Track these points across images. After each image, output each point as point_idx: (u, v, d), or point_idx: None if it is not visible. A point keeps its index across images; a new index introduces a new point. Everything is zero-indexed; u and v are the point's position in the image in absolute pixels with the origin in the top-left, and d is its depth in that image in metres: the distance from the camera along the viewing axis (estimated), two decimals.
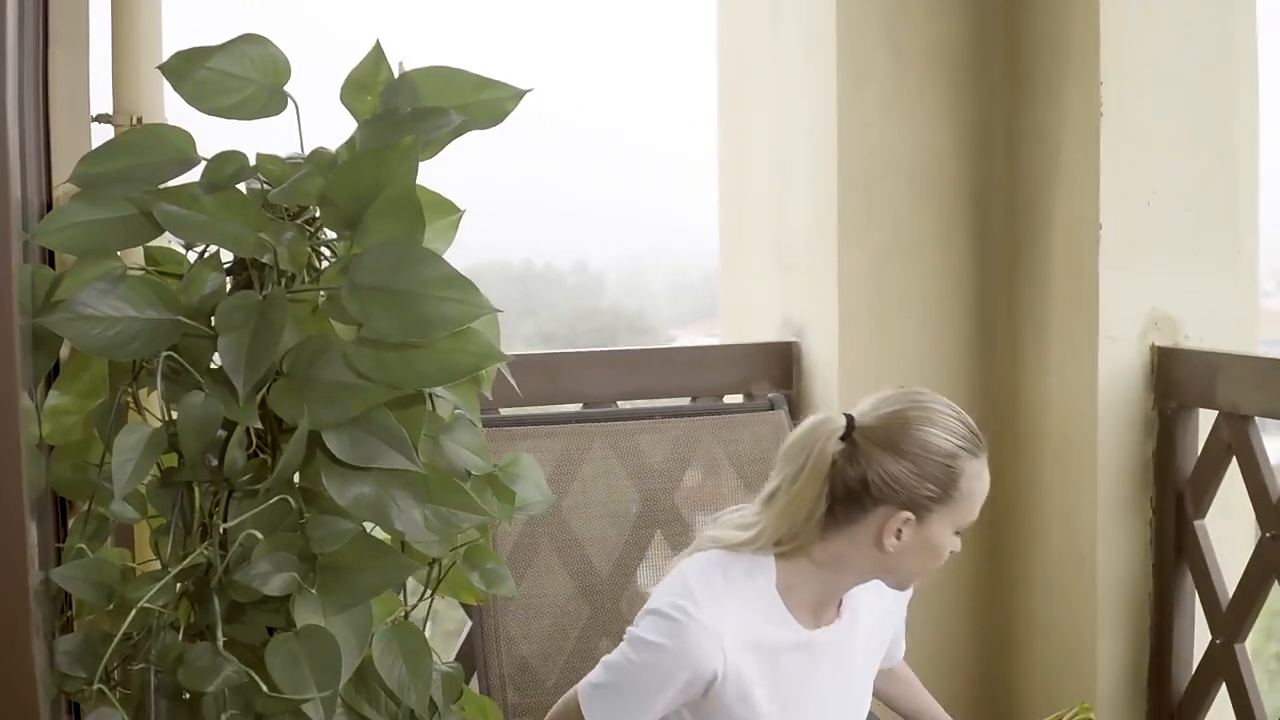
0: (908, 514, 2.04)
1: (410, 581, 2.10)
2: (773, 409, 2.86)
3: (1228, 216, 3.02)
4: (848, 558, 2.10)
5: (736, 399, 3.17)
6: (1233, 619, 2.87)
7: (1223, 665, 2.89)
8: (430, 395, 1.97)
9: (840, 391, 3.13)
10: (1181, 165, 2.99)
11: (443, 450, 1.97)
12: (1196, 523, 2.95)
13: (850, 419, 2.09)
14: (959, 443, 2.07)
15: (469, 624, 2.86)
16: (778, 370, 3.21)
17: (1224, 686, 2.91)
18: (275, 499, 1.83)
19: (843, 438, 2.07)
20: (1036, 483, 3.14)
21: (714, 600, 2.08)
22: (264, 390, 1.82)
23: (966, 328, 3.22)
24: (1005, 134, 3.17)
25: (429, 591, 2.12)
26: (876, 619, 2.24)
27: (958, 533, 2.10)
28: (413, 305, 1.78)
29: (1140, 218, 2.96)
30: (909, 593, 2.30)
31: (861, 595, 2.19)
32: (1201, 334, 3.00)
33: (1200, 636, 2.99)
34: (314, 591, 1.81)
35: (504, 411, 2.83)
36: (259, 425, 1.83)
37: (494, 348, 1.83)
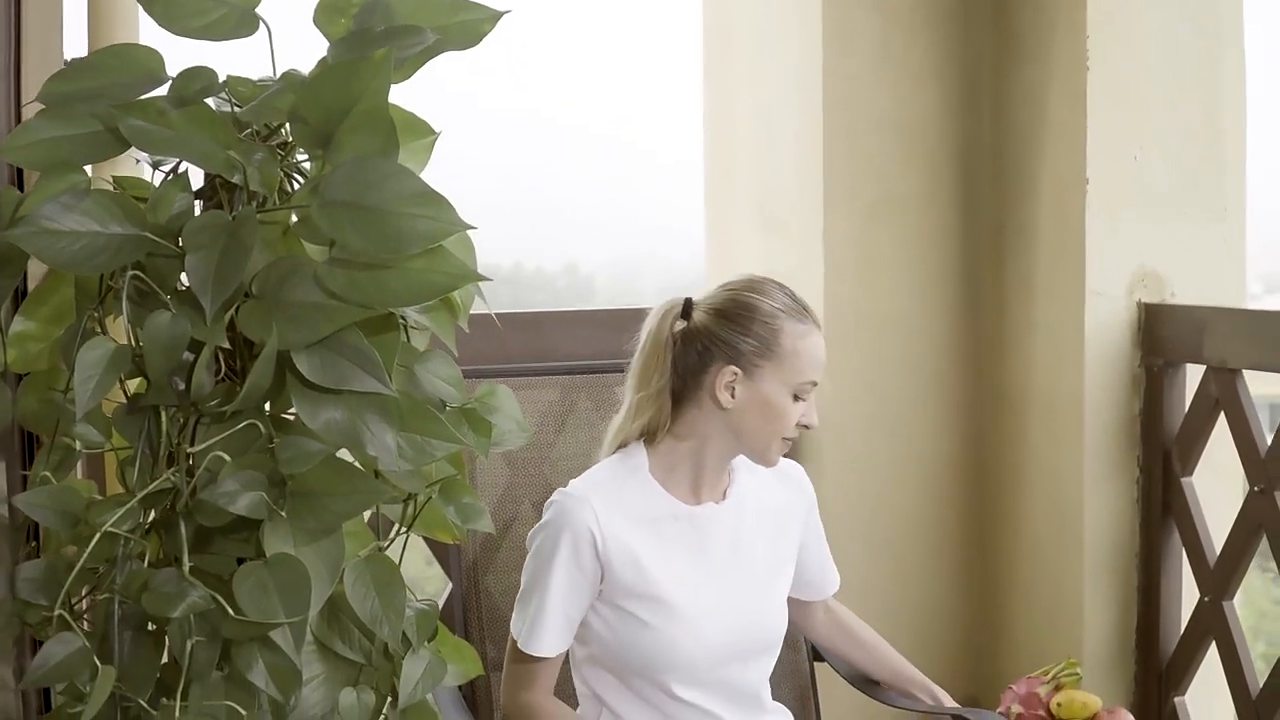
0: (734, 368, 2.22)
1: (385, 520, 2.07)
2: None
3: (1215, 173, 3.00)
4: (700, 425, 2.27)
5: None
6: (1221, 576, 2.84)
7: (1211, 623, 2.86)
8: (405, 326, 1.93)
9: (826, 351, 3.09)
10: (1168, 121, 2.96)
11: (417, 380, 1.93)
12: (1184, 480, 2.92)
13: (689, 300, 2.30)
14: (779, 305, 2.25)
15: (449, 586, 2.82)
16: None
17: (1213, 645, 2.88)
18: (244, 424, 1.79)
19: (682, 315, 2.28)
20: (1023, 442, 3.11)
21: (585, 481, 2.31)
22: (232, 312, 1.78)
23: (953, 287, 3.18)
24: (992, 91, 3.14)
25: (404, 529, 2.09)
26: (770, 512, 2.38)
27: (799, 398, 2.23)
28: (384, 222, 1.74)
29: (1127, 173, 2.94)
30: (809, 500, 2.47)
31: (747, 481, 2.36)
32: (1189, 291, 2.97)
33: (1188, 595, 2.95)
34: (283, 515, 1.77)
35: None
36: (227, 345, 1.79)
37: (468, 267, 1.80)
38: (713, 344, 2.24)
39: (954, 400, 3.20)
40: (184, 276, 1.77)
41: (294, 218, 1.82)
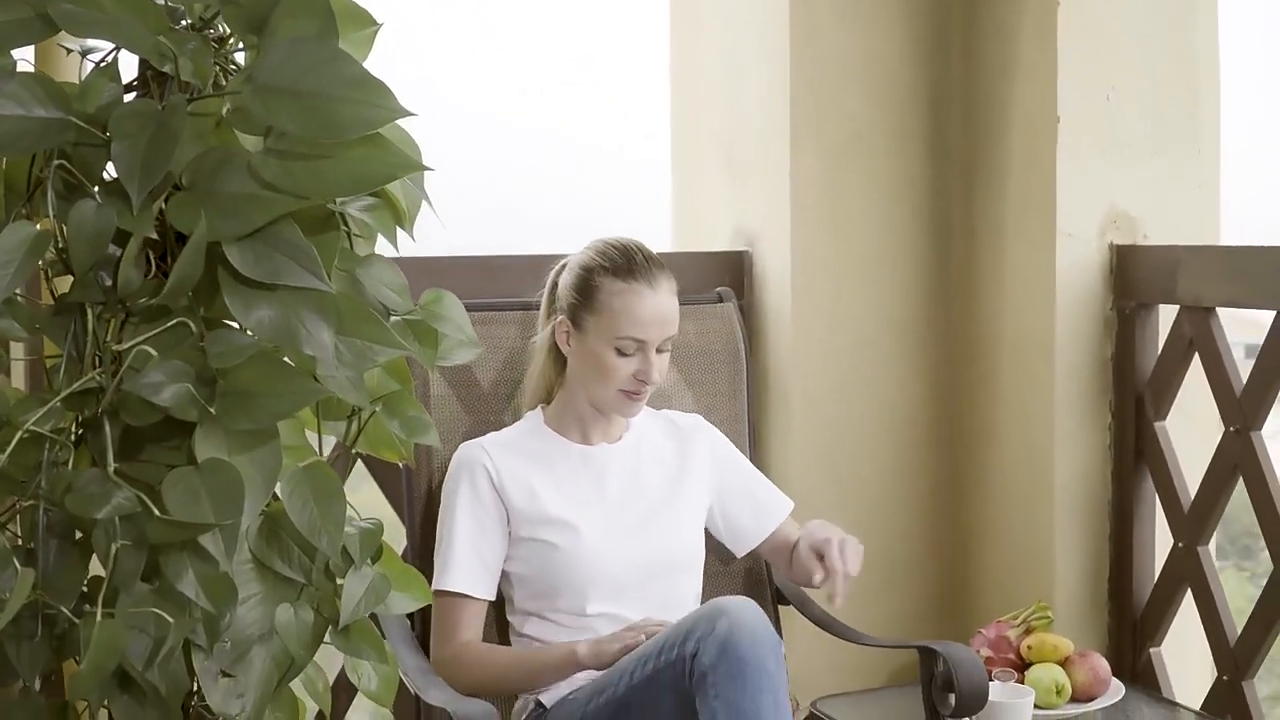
0: (564, 318, 2.36)
1: (329, 439, 2.00)
2: (721, 301, 2.75)
3: (1189, 113, 2.94)
4: (569, 376, 2.42)
5: None
6: (1195, 521, 2.78)
7: (1186, 569, 2.79)
8: (349, 234, 1.86)
9: (793, 300, 3.03)
10: (1141, 60, 2.90)
11: (359, 285, 1.86)
12: (1157, 424, 2.85)
13: (566, 261, 2.44)
14: (601, 261, 2.34)
15: (404, 543, 2.74)
16: (729, 280, 3.10)
17: (1189, 593, 2.81)
18: (174, 322, 1.72)
19: (556, 275, 2.44)
20: (994, 387, 3.04)
21: (481, 437, 2.45)
22: (162, 204, 1.70)
23: (923, 231, 3.12)
24: (962, 30, 3.08)
25: (349, 446, 2.01)
26: (669, 457, 2.47)
27: (623, 353, 2.31)
28: (321, 107, 1.67)
29: (1099, 113, 2.87)
30: (709, 446, 2.52)
31: (644, 427, 2.48)
32: (1162, 233, 2.91)
33: (1162, 542, 2.89)
34: (212, 411, 1.69)
35: None
36: (154, 236, 1.71)
37: (410, 157, 1.72)
38: (556, 299, 2.41)
39: (924, 345, 3.14)
40: (111, 168, 1.70)
41: (228, 108, 1.75)
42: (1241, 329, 2.90)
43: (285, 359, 1.76)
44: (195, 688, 2.03)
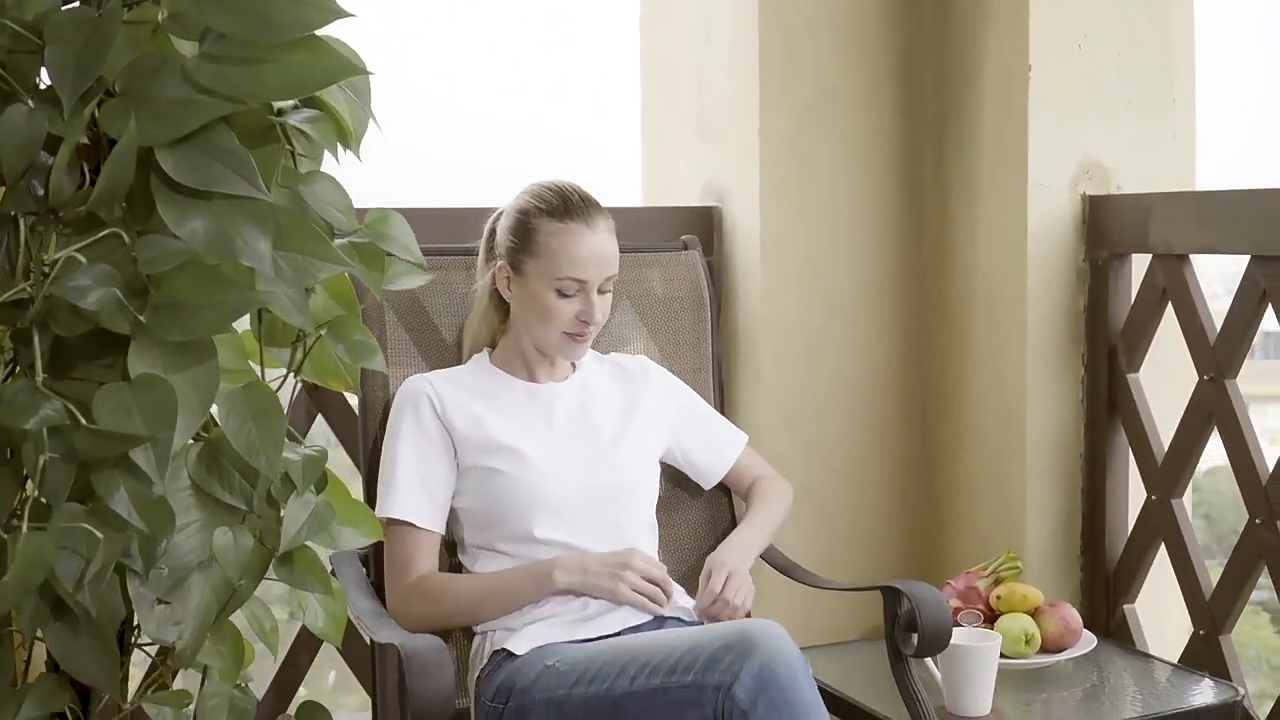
0: (503, 263, 2.33)
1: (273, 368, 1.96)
2: (686, 249, 2.70)
3: (1163, 65, 2.89)
4: (510, 320, 2.40)
5: None
6: (1169, 473, 2.73)
7: (1160, 522, 2.74)
8: (292, 153, 1.81)
9: (762, 256, 2.98)
10: (1114, 9, 2.86)
11: (302, 202, 1.81)
12: (1130, 376, 2.81)
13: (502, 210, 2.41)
14: (537, 203, 2.31)
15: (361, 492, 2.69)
16: (699, 236, 3.06)
17: (1163, 547, 2.77)
18: (106, 233, 1.67)
19: (493, 223, 2.42)
20: (966, 341, 3.00)
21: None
22: (95, 110, 1.66)
23: (894, 186, 3.07)
24: None
25: (291, 373, 1.97)
26: (619, 399, 2.44)
27: (564, 294, 2.28)
28: (256, 7, 1.63)
29: (1071, 62, 2.83)
30: (659, 386, 2.49)
31: (593, 368, 2.46)
32: (1135, 185, 2.87)
33: (1135, 497, 2.84)
34: (143, 319, 1.64)
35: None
36: (85, 141, 1.66)
37: (349, 61, 1.68)
38: (494, 245, 2.38)
39: (895, 301, 3.09)
40: (45, 74, 1.66)
41: (164, 14, 1.70)
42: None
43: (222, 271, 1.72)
44: (135, 623, 1.98)
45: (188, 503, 1.85)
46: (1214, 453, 2.78)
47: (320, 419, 2.81)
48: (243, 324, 1.96)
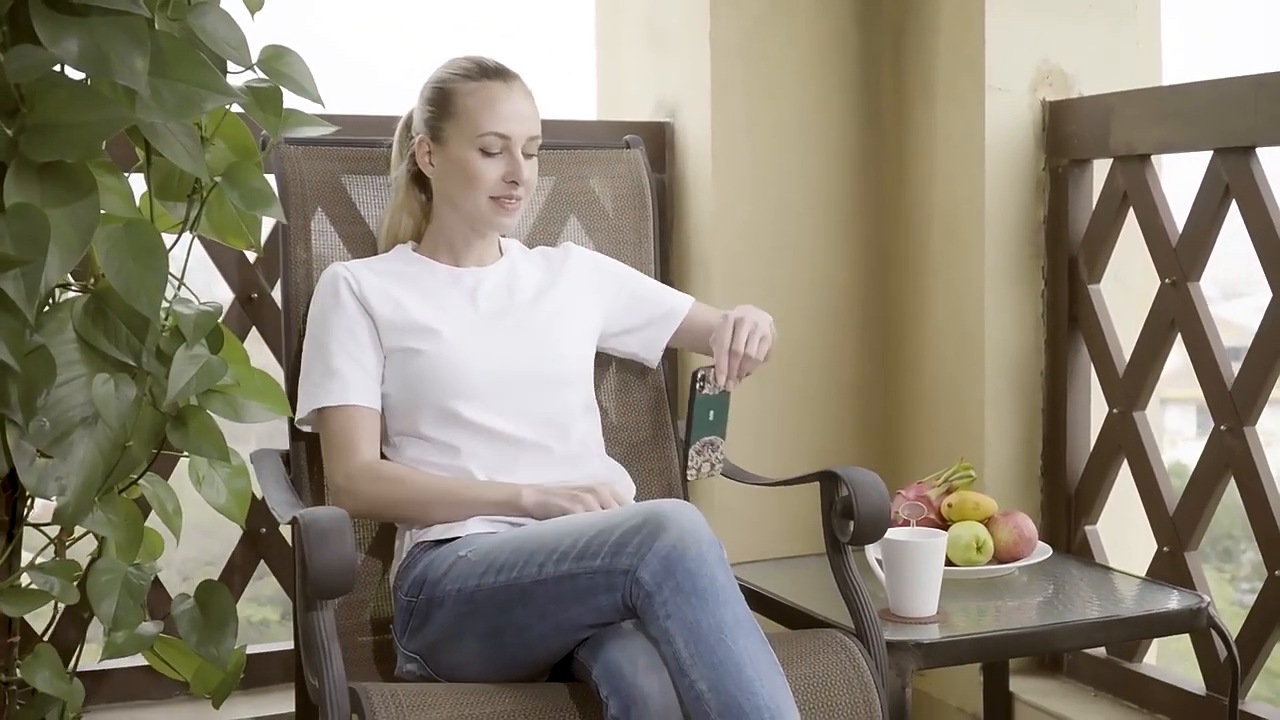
0: (422, 136, 2.25)
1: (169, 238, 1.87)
2: (629, 148, 2.61)
3: None
4: (434, 201, 2.31)
5: None
6: (1131, 385, 2.63)
7: (1123, 436, 2.64)
8: None
9: (713, 170, 2.89)
10: None
11: (190, 33, 1.72)
12: (1091, 287, 2.71)
13: None
14: (451, 70, 2.25)
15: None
16: (651, 152, 2.97)
17: (1125, 465, 2.67)
18: None
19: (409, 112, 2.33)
20: (924, 255, 2.91)
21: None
22: None
23: (850, 95, 2.98)
24: None
25: (186, 228, 1.88)
26: (551, 284, 2.34)
27: (487, 152, 2.20)
28: None
29: None
30: (588, 265, 2.40)
31: (519, 257, 2.37)
32: (1096, 91, 2.77)
33: (1097, 413, 2.74)
34: (9, 133, 1.55)
35: None
36: None
37: None
38: (412, 124, 2.30)
39: (853, 216, 3.00)
40: None
41: None
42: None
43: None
44: (29, 496, 1.89)
45: (73, 355, 1.76)
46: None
47: (255, 332, 2.73)
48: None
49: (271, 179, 2.22)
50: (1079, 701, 2.68)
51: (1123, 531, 2.81)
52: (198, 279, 3.13)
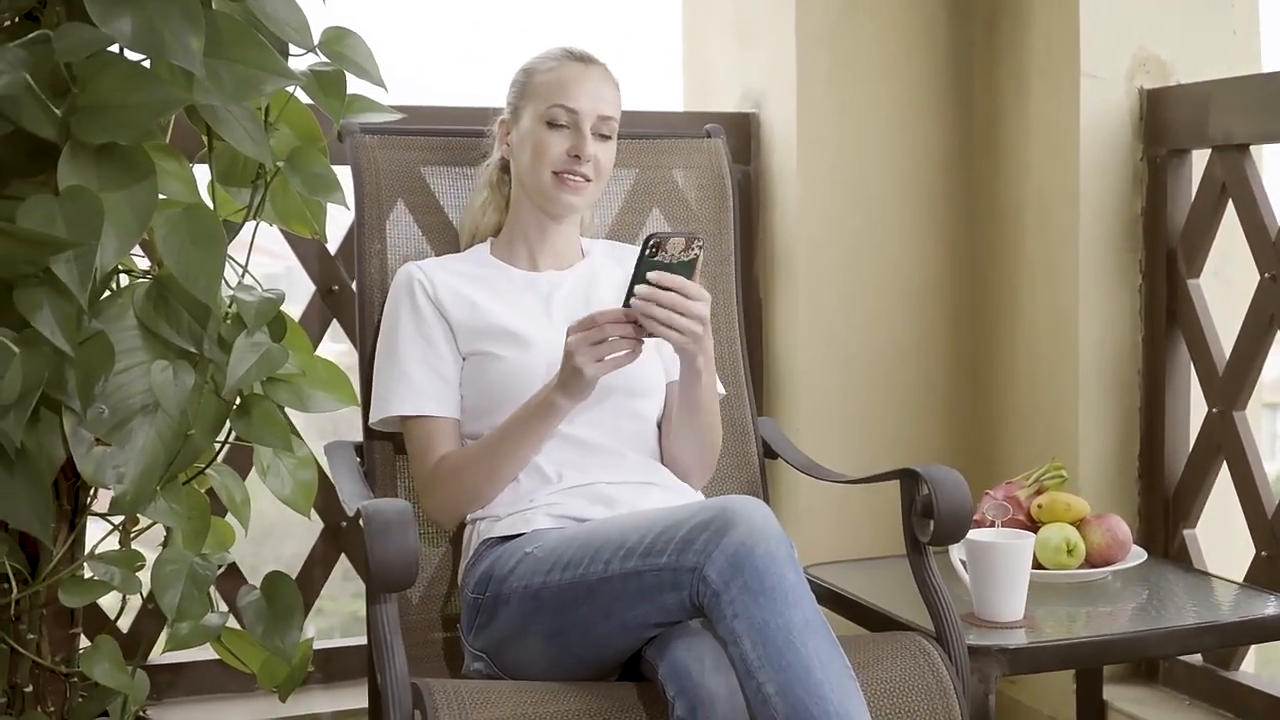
0: (504, 118, 2.24)
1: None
2: (709, 138, 2.55)
3: None
4: (511, 187, 2.27)
5: None
6: (1231, 383, 2.53)
7: (1223, 437, 2.54)
8: None
9: (799, 159, 2.83)
10: None
11: (250, 14, 1.70)
12: (1190, 283, 2.62)
13: None
14: (539, 55, 2.23)
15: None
16: (734, 145, 2.91)
17: (1224, 463, 2.57)
18: (34, 35, 1.56)
19: None
20: (1018, 251, 2.82)
21: None
22: None
23: (941, 83, 2.90)
24: None
25: (251, 215, 1.85)
26: (621, 276, 2.25)
27: (553, 124, 2.16)
28: None
29: None
30: None
31: (601, 260, 2.30)
32: (1195, 80, 2.67)
33: (1196, 413, 2.65)
34: (59, 112, 1.53)
35: None
36: None
37: None
38: (499, 112, 2.28)
39: (943, 210, 2.92)
40: None
41: None
42: None
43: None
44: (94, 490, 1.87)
45: (134, 342, 1.74)
46: None
47: (335, 324, 2.71)
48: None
49: (348, 170, 2.20)
50: (1174, 710, 2.59)
51: (1224, 535, 2.71)
52: (279, 270, 3.12)
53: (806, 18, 2.84)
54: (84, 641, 2.08)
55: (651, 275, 1.92)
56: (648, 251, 1.92)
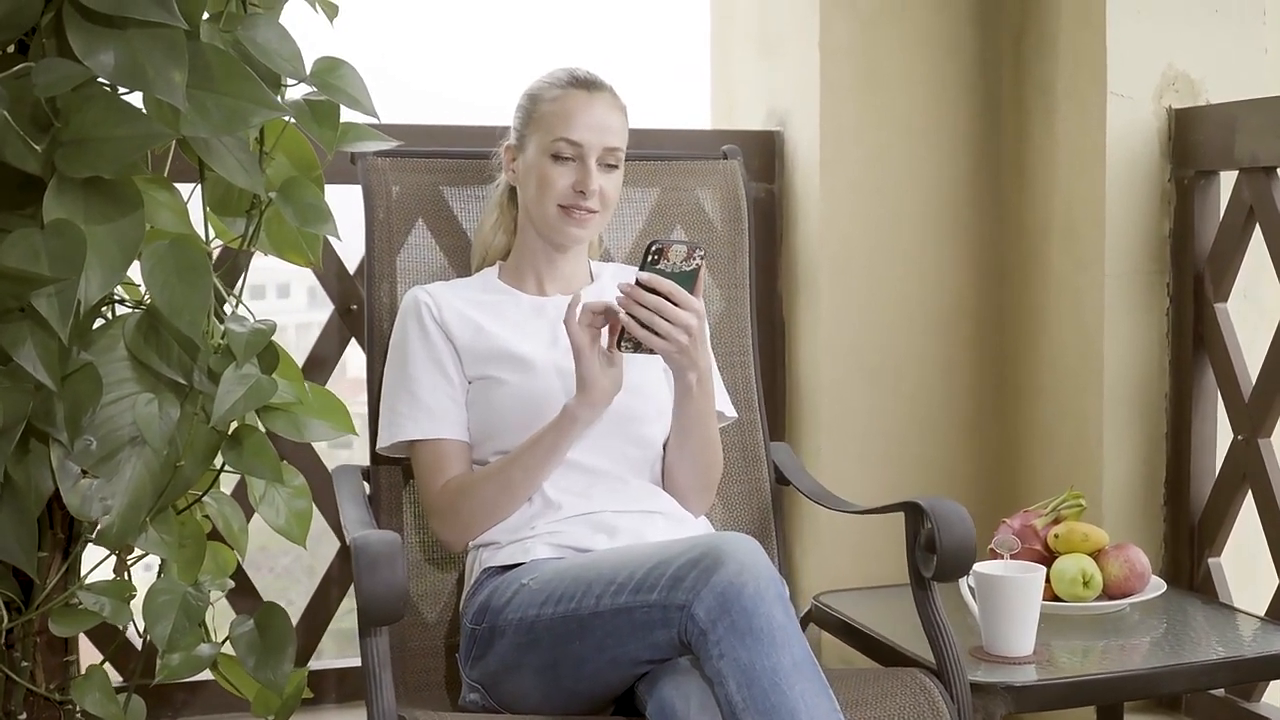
0: (510, 144, 2.21)
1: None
2: (725, 159, 2.52)
3: None
4: (518, 215, 2.24)
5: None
6: (1257, 410, 2.48)
7: (1249, 464, 2.49)
8: None
9: (821, 175, 2.80)
10: None
11: (241, 47, 1.68)
12: (1218, 306, 2.56)
13: None
14: (544, 80, 2.19)
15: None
16: (758, 163, 2.88)
17: (1250, 494, 2.51)
18: (16, 69, 1.56)
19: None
20: (1043, 274, 2.77)
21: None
22: None
23: (966, 100, 2.86)
24: None
25: (245, 244, 1.84)
26: None
27: (559, 158, 2.13)
28: None
29: None
30: None
31: (609, 284, 2.21)
32: (1225, 98, 2.61)
33: (1223, 439, 2.59)
34: (38, 148, 1.52)
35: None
36: None
37: None
38: (504, 136, 2.26)
39: (967, 227, 2.88)
40: None
41: None
42: None
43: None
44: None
45: (124, 373, 1.74)
46: None
47: (353, 343, 2.70)
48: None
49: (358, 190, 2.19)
50: None
51: (1251, 564, 2.66)
52: (301, 290, 3.11)
53: (830, 32, 2.80)
54: (95, 656, 2.08)
55: (642, 276, 1.91)
56: (650, 258, 1.93)
